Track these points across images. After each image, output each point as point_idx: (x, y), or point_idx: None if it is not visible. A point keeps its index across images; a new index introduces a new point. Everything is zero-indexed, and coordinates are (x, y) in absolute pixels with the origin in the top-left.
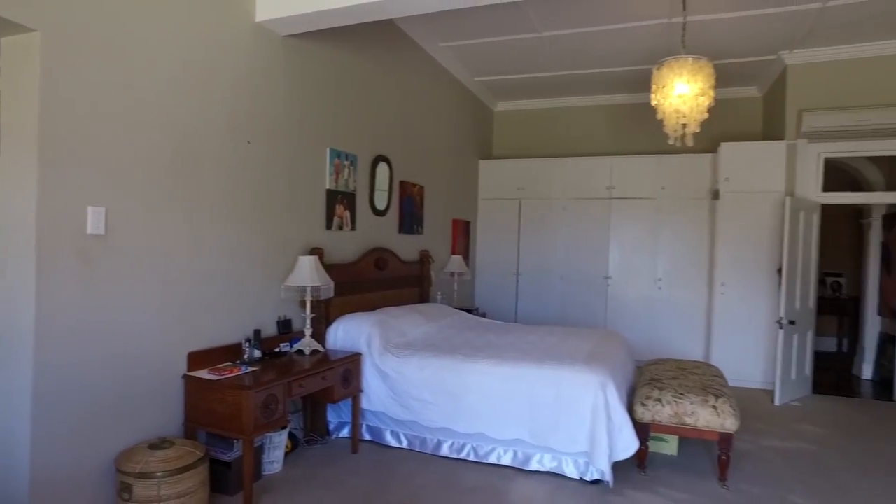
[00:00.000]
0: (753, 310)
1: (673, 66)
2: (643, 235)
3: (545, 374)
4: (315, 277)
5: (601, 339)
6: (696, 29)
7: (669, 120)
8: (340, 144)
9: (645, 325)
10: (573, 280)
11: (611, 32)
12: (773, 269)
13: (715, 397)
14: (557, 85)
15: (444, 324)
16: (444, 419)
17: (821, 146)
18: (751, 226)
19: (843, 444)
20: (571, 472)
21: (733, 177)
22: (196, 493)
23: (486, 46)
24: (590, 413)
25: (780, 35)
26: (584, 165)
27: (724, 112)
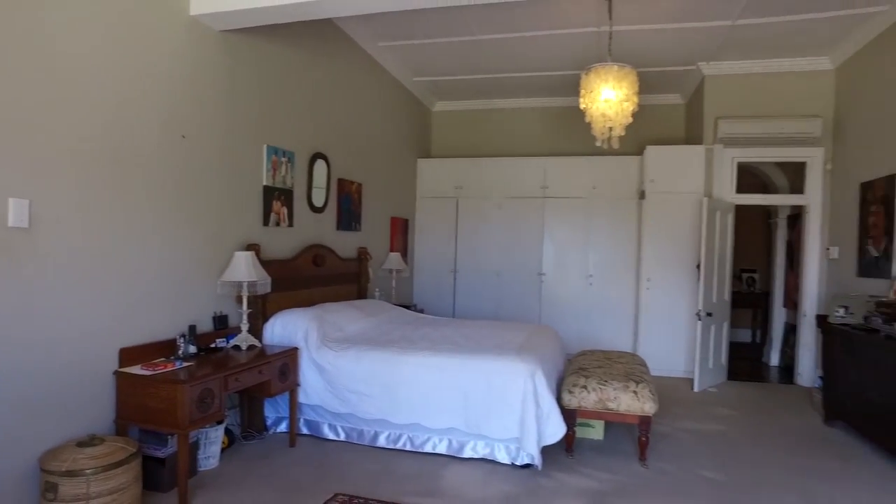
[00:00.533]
0: (676, 303)
1: (600, 73)
2: (575, 233)
3: (478, 364)
4: (252, 273)
5: (532, 332)
6: (622, 38)
7: (597, 123)
8: (278, 141)
9: (577, 319)
10: (509, 277)
11: (544, 38)
12: (693, 265)
13: (636, 383)
14: (494, 87)
15: (381, 319)
16: (381, 411)
17: (735, 151)
18: (673, 224)
19: (748, 422)
20: (503, 458)
21: (658, 178)
22: (128, 489)
23: (425, 47)
24: (520, 401)
25: (697, 47)
26: (519, 165)
27: (650, 117)
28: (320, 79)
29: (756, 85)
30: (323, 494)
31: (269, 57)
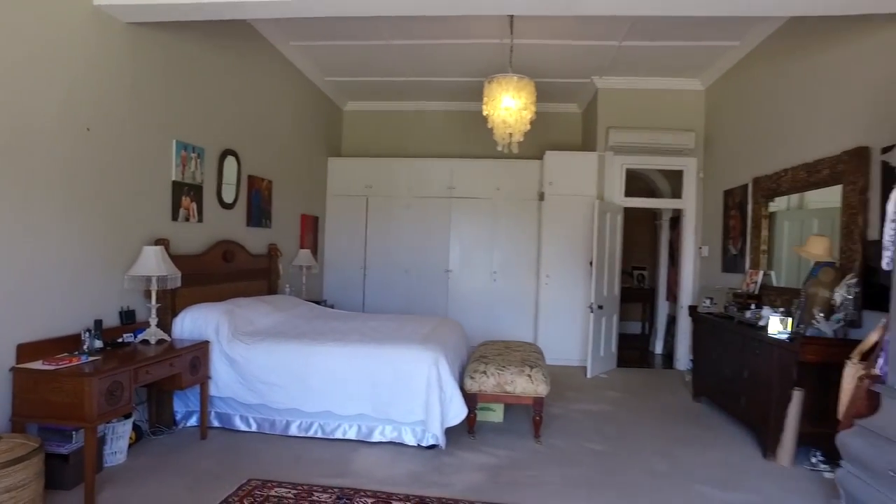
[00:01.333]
0: (571, 297)
1: (501, 82)
2: (480, 232)
3: (385, 353)
4: (162, 267)
5: (437, 324)
6: (523, 51)
7: (498, 129)
8: (187, 137)
9: (482, 312)
10: (417, 273)
11: (452, 47)
12: (586, 262)
13: (530, 368)
14: (404, 89)
15: (292, 314)
16: (292, 400)
17: (623, 158)
18: (570, 225)
19: (632, 402)
20: (410, 440)
21: (556, 181)
22: (28, 486)
23: (336, 49)
24: (424, 386)
25: (591, 62)
26: (427, 166)
27: (550, 124)
28: (231, 75)
29: (641, 99)
30: (236, 481)
31: (178, 52)
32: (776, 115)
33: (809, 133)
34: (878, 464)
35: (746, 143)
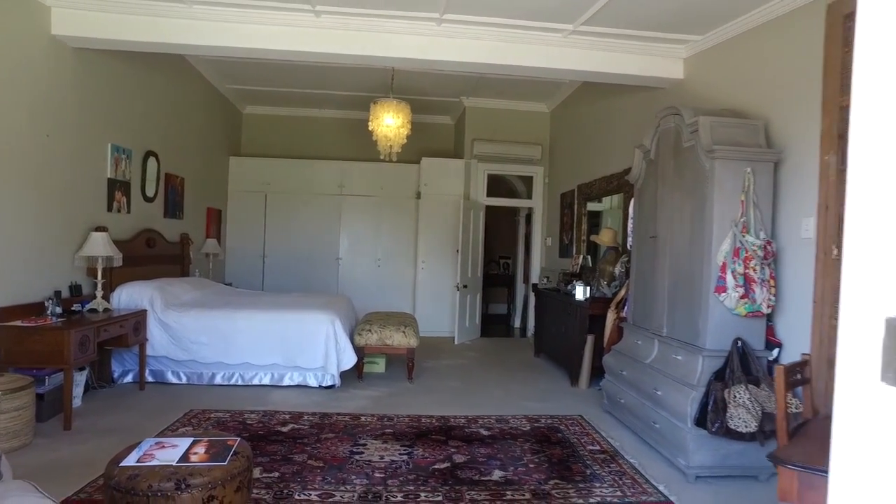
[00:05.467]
0: (442, 279)
1: (384, 104)
2: (367, 225)
3: (294, 316)
4: (108, 249)
5: (332, 298)
6: (404, 74)
7: (381, 142)
8: (119, 140)
9: (369, 294)
10: (311, 261)
11: (342, 68)
12: (454, 251)
13: (405, 326)
14: (300, 98)
15: (209, 291)
16: (218, 355)
17: (485, 165)
18: (441, 219)
19: (488, 359)
20: (313, 382)
21: (430, 183)
22: (28, 408)
23: (238, 62)
24: (324, 340)
25: (460, 86)
26: (320, 167)
27: (428, 133)
28: (152, 86)
29: (500, 117)
30: (179, 412)
31: (112, 69)
32: (592, 138)
33: (608, 154)
34: (618, 369)
35: (575, 156)
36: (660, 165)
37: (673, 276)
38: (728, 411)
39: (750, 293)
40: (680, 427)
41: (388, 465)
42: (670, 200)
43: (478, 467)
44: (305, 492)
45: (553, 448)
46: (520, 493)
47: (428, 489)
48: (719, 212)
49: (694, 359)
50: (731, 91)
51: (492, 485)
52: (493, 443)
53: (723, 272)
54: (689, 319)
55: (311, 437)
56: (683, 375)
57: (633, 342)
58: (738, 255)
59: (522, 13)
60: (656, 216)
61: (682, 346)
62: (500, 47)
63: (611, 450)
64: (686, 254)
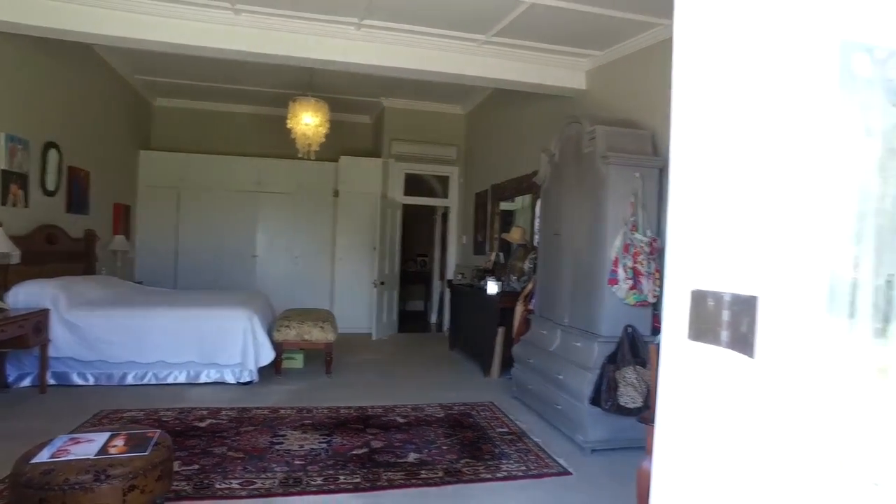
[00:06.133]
0: (360, 276)
1: (302, 103)
2: (284, 223)
3: (211, 312)
4: (3, 245)
5: (250, 295)
6: (324, 73)
7: (299, 140)
8: (15, 130)
9: (287, 290)
10: (227, 259)
11: (259, 65)
12: (372, 248)
13: (323, 322)
14: (215, 92)
15: (117, 290)
16: (130, 354)
17: (403, 165)
18: (359, 217)
19: (405, 353)
20: (230, 379)
21: (349, 182)
22: None
23: (149, 52)
24: (242, 336)
25: (379, 86)
26: (237, 163)
27: (346, 131)
28: (54, 73)
29: (418, 118)
30: (87, 414)
31: (7, 53)
32: (505, 140)
33: (519, 156)
34: (526, 358)
35: (489, 158)
36: (563, 169)
37: (573, 270)
38: (619, 390)
39: (638, 285)
40: (578, 407)
41: (307, 452)
42: (572, 201)
43: (394, 451)
44: (226, 481)
45: (465, 432)
46: (433, 472)
47: (347, 472)
48: (612, 212)
49: (590, 345)
50: (627, 102)
51: (407, 466)
52: (408, 429)
53: (615, 266)
54: (587, 309)
55: (231, 430)
56: (582, 360)
57: (539, 332)
58: (628, 250)
59: (439, 22)
60: (560, 215)
61: (581, 333)
62: (417, 53)
63: (518, 431)
64: (585, 250)
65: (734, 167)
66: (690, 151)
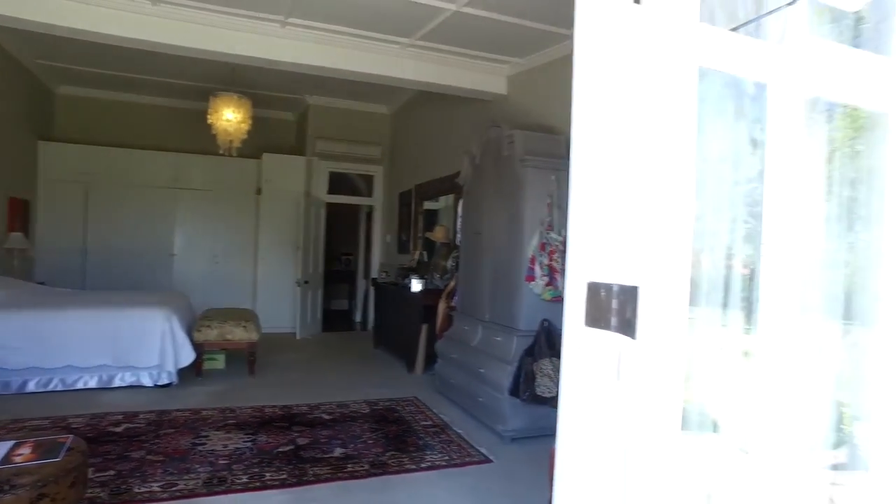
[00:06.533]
0: (284, 275)
1: (224, 99)
2: (204, 221)
3: (126, 313)
4: None
5: (167, 294)
6: (247, 68)
7: (221, 136)
8: None
9: (206, 290)
10: (142, 257)
11: (177, 57)
12: (296, 246)
13: (245, 321)
14: (129, 83)
15: (15, 291)
16: (33, 360)
17: (327, 163)
18: (283, 215)
19: (329, 352)
20: (148, 382)
21: (272, 179)
22: None
23: (53, 36)
24: (160, 337)
25: (303, 83)
26: (153, 158)
27: (269, 128)
28: None
29: (343, 116)
30: None
31: None
32: (429, 141)
33: (443, 157)
34: (448, 353)
35: (413, 157)
36: (484, 170)
37: (494, 267)
38: (536, 381)
39: (554, 281)
40: (498, 398)
41: (232, 452)
42: (492, 201)
43: (320, 447)
44: (146, 484)
45: (390, 426)
46: (359, 465)
47: (273, 469)
48: (530, 212)
49: (510, 339)
50: (544, 108)
51: (333, 461)
52: (334, 425)
53: (532, 264)
54: (507, 305)
55: (149, 433)
56: (501, 354)
57: (461, 328)
58: (544, 249)
59: (364, 24)
60: (481, 215)
61: (500, 328)
62: (342, 53)
63: (441, 423)
64: (504, 248)
65: (619, 174)
66: (585, 160)
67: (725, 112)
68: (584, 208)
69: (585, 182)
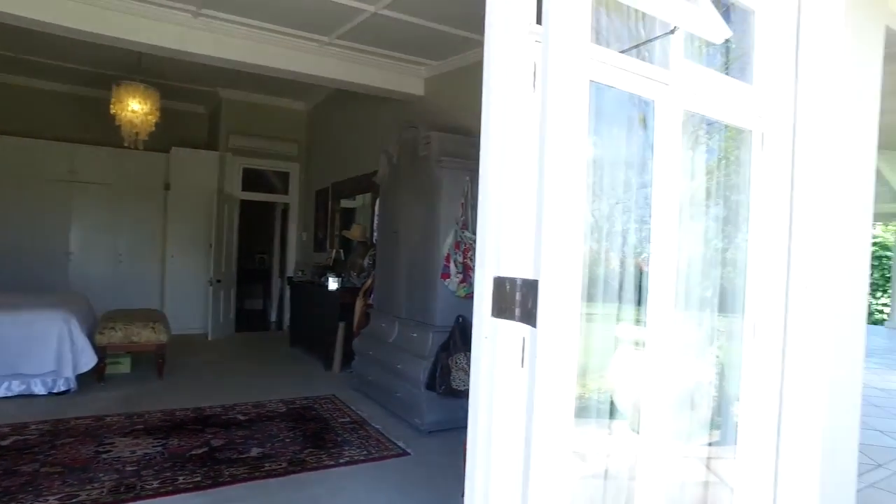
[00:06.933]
0: (195, 274)
1: (129, 88)
2: (105, 217)
3: (14, 317)
4: None
5: (65, 295)
6: (154, 57)
7: (125, 128)
8: None
9: (109, 291)
10: (32, 256)
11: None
12: (207, 244)
13: (153, 322)
14: (17, 64)
15: None
16: None
17: (241, 159)
18: (193, 212)
19: (242, 353)
20: (40, 390)
21: (181, 175)
22: None
23: None
24: (56, 341)
25: (216, 75)
26: (45, 148)
27: (179, 120)
28: None
29: (258, 111)
30: None
31: None
32: (346, 139)
33: (360, 155)
34: (366, 350)
35: (330, 155)
36: (401, 170)
37: (410, 265)
38: (451, 375)
39: (468, 278)
40: (415, 393)
41: (140, 458)
42: (409, 201)
43: (236, 448)
44: (41, 499)
45: (308, 424)
46: (277, 464)
47: (186, 473)
48: (445, 212)
49: (426, 334)
50: (460, 110)
51: (250, 461)
52: (250, 426)
53: (447, 262)
54: (423, 302)
55: (44, 445)
56: (418, 349)
57: (378, 325)
58: (459, 247)
59: (281, 20)
60: (398, 214)
61: (417, 324)
62: (258, 48)
63: (359, 420)
64: (420, 246)
65: (521, 178)
66: (492, 166)
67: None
68: (492, 209)
69: (492, 185)
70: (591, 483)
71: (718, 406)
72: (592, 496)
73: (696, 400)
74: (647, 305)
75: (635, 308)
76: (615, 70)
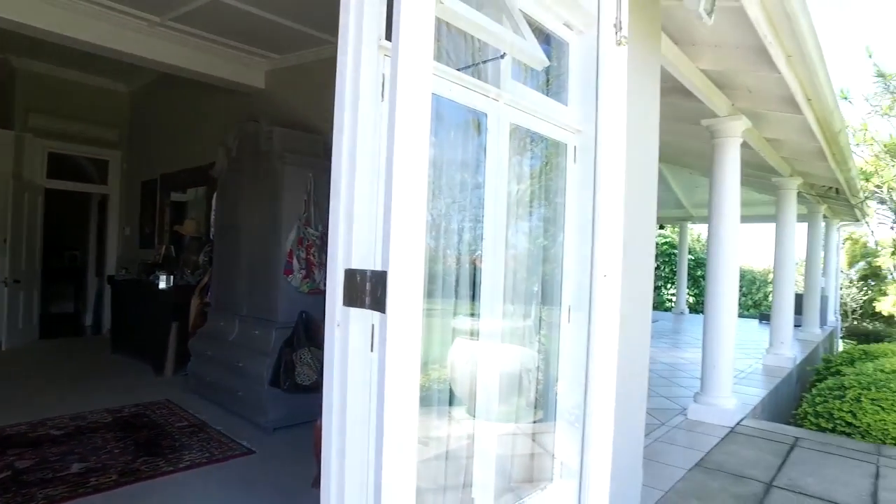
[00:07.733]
0: None
1: None
2: None
3: None
4: None
5: None
6: None
7: None
8: None
9: None
10: None
11: None
12: (1, 239)
13: None
14: None
15: None
16: None
17: (46, 142)
18: None
19: (51, 362)
20: None
21: None
22: None
23: None
24: None
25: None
26: None
27: None
28: None
29: (69, 89)
30: None
31: None
32: (179, 128)
33: (195, 146)
34: (204, 350)
35: (159, 144)
36: (241, 164)
37: (251, 261)
38: (296, 370)
39: (311, 274)
40: (259, 390)
41: None
42: (249, 196)
43: (51, 466)
44: None
45: (140, 432)
46: (106, 477)
47: None
48: (287, 208)
49: (268, 331)
50: (305, 106)
51: (71, 477)
52: (68, 440)
53: (290, 258)
54: (265, 299)
55: None
56: (260, 346)
57: (217, 324)
58: (302, 243)
59: None
60: (237, 209)
61: (259, 321)
62: (71, 18)
63: (198, 422)
64: (262, 242)
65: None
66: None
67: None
68: (343, 207)
69: (344, 186)
70: (433, 464)
71: (543, 388)
72: (435, 476)
73: (524, 384)
74: (481, 300)
75: (470, 302)
76: (454, 85)
